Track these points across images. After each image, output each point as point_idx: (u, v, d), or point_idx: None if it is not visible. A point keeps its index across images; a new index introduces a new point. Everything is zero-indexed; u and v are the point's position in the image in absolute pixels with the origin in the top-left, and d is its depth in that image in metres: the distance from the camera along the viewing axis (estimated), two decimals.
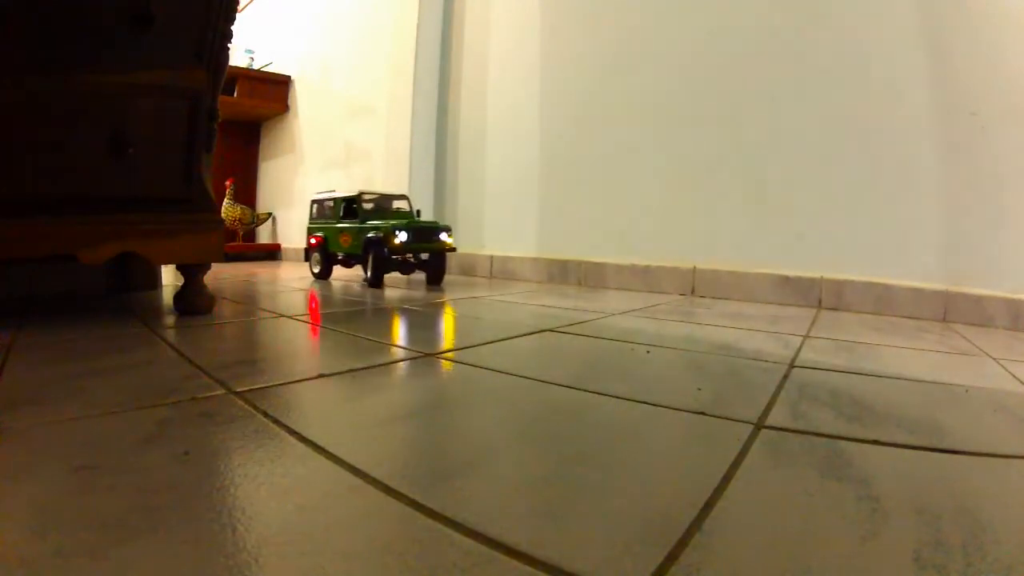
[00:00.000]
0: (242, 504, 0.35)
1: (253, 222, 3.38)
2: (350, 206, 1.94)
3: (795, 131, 1.51)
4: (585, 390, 0.63)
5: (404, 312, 1.24)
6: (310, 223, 2.12)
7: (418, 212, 1.97)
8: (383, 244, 1.71)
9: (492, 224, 2.31)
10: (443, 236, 1.81)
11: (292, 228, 3.43)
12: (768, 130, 1.56)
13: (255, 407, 0.54)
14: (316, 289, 1.69)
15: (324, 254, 2.03)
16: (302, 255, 3.30)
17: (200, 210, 1.09)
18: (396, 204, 1.98)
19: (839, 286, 1.43)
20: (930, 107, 1.30)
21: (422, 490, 0.37)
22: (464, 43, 2.40)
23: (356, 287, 1.78)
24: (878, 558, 0.30)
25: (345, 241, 1.92)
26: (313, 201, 2.13)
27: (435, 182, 2.42)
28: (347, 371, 0.70)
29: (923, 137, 1.31)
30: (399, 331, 1.00)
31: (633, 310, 1.32)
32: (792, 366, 0.76)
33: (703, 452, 0.46)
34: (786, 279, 1.52)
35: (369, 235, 1.77)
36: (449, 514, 0.34)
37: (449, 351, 0.83)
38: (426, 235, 1.78)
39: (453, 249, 1.85)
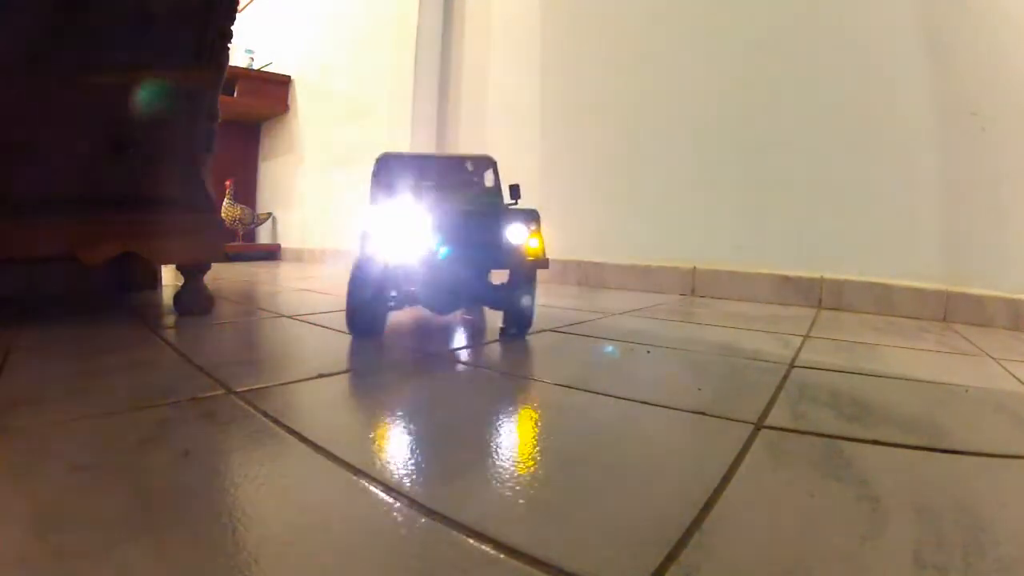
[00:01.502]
0: (242, 504, 0.35)
1: (253, 222, 3.38)
2: None
3: (795, 131, 1.51)
4: (585, 390, 0.62)
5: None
6: None
7: (514, 190, 0.98)
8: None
9: None
10: (513, 232, 0.86)
11: (292, 228, 3.43)
12: (768, 130, 1.55)
13: (255, 407, 0.54)
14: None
15: None
16: (302, 256, 3.33)
17: (200, 210, 1.09)
18: (469, 173, 1.03)
19: (839, 286, 1.43)
20: (930, 107, 1.30)
21: (422, 490, 0.37)
22: (464, 44, 2.40)
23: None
24: (878, 558, 0.30)
25: None
26: None
27: None
28: (346, 371, 0.70)
29: (923, 137, 1.31)
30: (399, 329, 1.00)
31: (633, 310, 1.32)
32: (792, 366, 0.76)
33: (703, 452, 0.46)
34: (786, 279, 1.52)
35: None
36: (449, 514, 0.34)
37: (448, 350, 0.83)
38: (474, 230, 0.85)
39: (544, 264, 0.88)
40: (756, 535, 0.33)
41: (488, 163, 1.04)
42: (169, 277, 1.69)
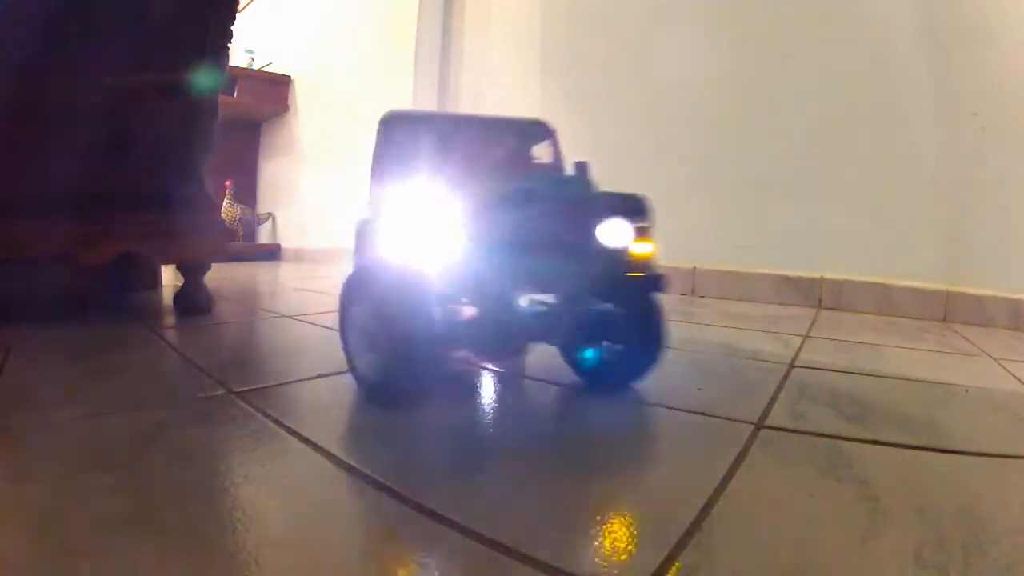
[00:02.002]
0: (242, 504, 0.35)
1: (253, 222, 3.39)
2: None
3: (795, 131, 1.51)
4: (585, 390, 0.62)
5: None
6: None
7: (580, 168, 0.66)
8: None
9: None
10: (610, 230, 0.59)
11: (292, 228, 3.43)
12: (768, 130, 1.55)
13: (255, 407, 0.54)
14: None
15: None
16: (302, 255, 3.33)
17: (200, 210, 1.09)
18: (516, 145, 0.71)
19: (839, 286, 1.43)
20: (930, 107, 1.30)
21: (422, 490, 0.37)
22: (464, 43, 2.40)
23: None
24: (878, 558, 0.30)
25: None
26: None
27: None
28: (346, 371, 0.70)
29: (923, 137, 1.31)
30: None
31: None
32: (792, 366, 0.76)
33: (703, 452, 0.46)
34: (786, 279, 1.51)
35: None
36: (449, 515, 0.34)
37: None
38: (549, 223, 0.53)
39: (658, 280, 0.62)
40: (756, 535, 0.33)
41: (544, 131, 0.71)
42: (169, 277, 1.69)
